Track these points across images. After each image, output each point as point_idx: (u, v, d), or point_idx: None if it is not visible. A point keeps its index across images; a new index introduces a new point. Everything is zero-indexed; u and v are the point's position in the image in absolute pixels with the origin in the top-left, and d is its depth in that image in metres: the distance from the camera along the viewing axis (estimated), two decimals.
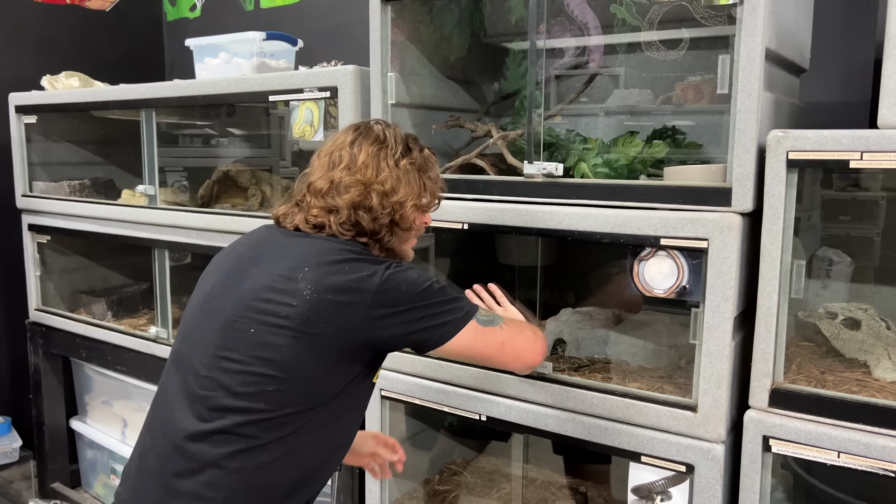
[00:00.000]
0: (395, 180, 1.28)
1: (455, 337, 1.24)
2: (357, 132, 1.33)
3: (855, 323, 1.59)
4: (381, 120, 1.39)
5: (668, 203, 1.45)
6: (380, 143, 1.31)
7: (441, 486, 2.09)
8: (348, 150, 1.30)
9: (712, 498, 1.43)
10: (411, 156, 1.33)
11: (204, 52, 2.34)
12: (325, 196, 1.27)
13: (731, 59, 1.37)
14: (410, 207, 1.30)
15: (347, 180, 1.27)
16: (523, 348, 1.33)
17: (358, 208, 1.26)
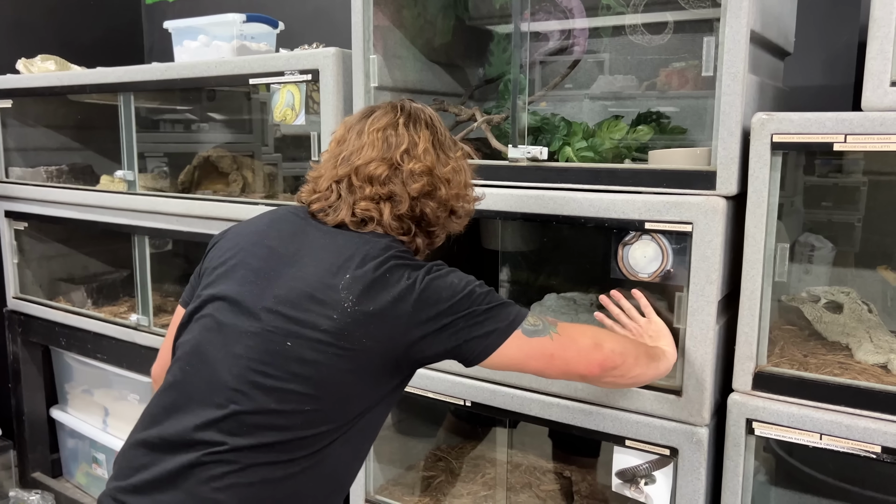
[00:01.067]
0: (454, 171, 1.22)
1: (499, 349, 1.14)
2: (404, 114, 1.22)
3: (837, 306, 1.60)
4: (413, 100, 1.30)
5: (652, 187, 1.44)
6: (429, 128, 1.23)
7: (426, 471, 2.09)
8: (406, 133, 1.19)
9: (696, 481, 1.44)
10: (460, 146, 1.29)
11: (183, 34, 2.30)
12: (384, 183, 1.17)
13: (715, 42, 1.37)
14: (468, 195, 1.27)
15: (414, 167, 1.17)
16: (576, 360, 1.19)
17: (427, 198, 1.19)
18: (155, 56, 3.39)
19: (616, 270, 1.51)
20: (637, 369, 1.26)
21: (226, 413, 1.09)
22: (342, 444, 1.15)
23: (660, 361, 1.33)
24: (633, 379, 1.27)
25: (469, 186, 1.28)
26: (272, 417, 1.09)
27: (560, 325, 1.21)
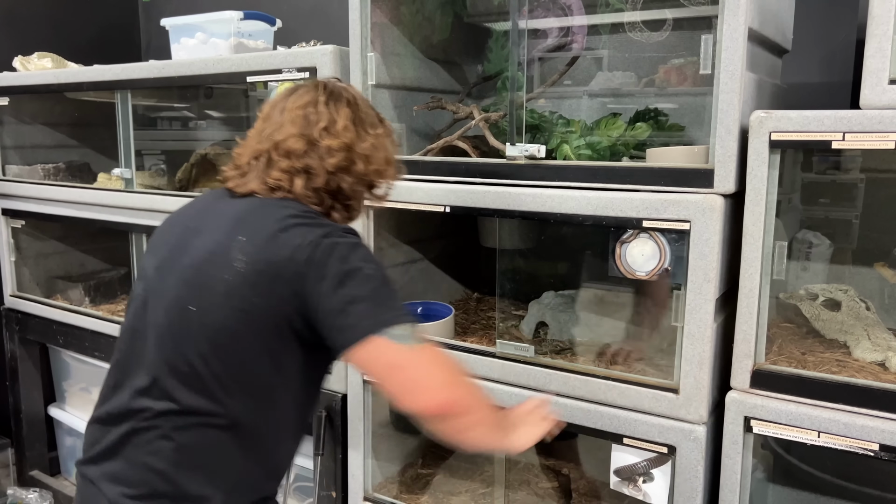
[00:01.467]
0: (372, 145, 1.26)
1: (358, 345, 1.09)
2: (326, 92, 1.26)
3: (835, 304, 1.60)
4: (338, 78, 1.35)
5: (650, 185, 1.44)
6: (350, 105, 1.26)
7: (424, 469, 2.09)
8: (325, 110, 1.23)
9: (694, 479, 1.44)
10: (384, 124, 1.32)
11: (180, 31, 2.29)
12: (301, 157, 1.20)
13: (713, 40, 1.36)
14: (389, 173, 1.30)
15: (331, 143, 1.21)
16: (421, 386, 1.10)
17: (344, 173, 1.22)
18: (152, 53, 3.38)
19: (614, 269, 1.51)
20: (478, 431, 1.17)
21: (150, 381, 1.16)
22: (260, 414, 1.18)
23: (504, 439, 1.25)
24: (468, 438, 1.16)
25: (390, 163, 1.31)
26: (190, 381, 1.14)
27: (429, 347, 1.12)
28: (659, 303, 1.61)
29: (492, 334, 1.86)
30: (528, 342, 1.65)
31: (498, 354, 1.66)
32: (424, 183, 1.72)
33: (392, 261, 1.98)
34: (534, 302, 1.88)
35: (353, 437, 1.92)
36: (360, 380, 1.88)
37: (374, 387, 1.89)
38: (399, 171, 1.36)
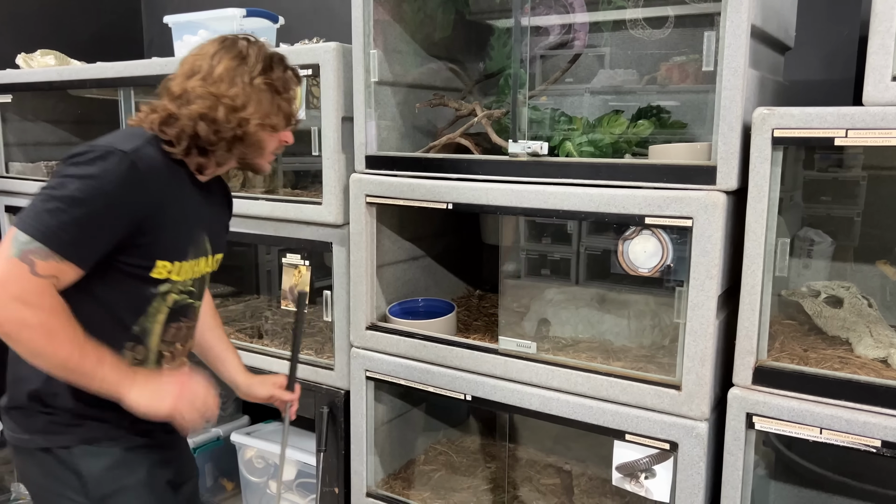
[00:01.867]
0: (245, 97, 1.29)
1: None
2: (222, 45, 1.33)
3: (837, 301, 1.60)
4: (250, 36, 1.39)
5: (652, 182, 1.44)
6: (240, 59, 1.31)
7: (426, 465, 2.10)
8: (208, 60, 1.31)
9: (696, 475, 1.44)
10: (269, 75, 1.33)
11: (183, 29, 2.29)
12: (174, 100, 1.29)
13: (716, 37, 1.36)
14: (255, 126, 1.31)
15: (200, 91, 1.28)
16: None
17: (202, 120, 1.28)
18: (154, 51, 3.38)
19: (616, 265, 1.51)
20: (41, 348, 1.17)
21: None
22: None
23: (92, 382, 1.21)
24: (25, 352, 1.18)
25: (266, 118, 1.33)
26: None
27: (15, 263, 1.14)
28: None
29: (494, 331, 1.86)
30: (530, 339, 1.65)
31: (500, 351, 1.67)
32: (427, 180, 1.72)
33: (394, 257, 1.98)
34: (536, 299, 1.88)
35: (355, 434, 1.93)
36: (363, 377, 1.88)
37: (375, 383, 1.90)
38: (280, 125, 1.37)
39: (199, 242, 1.38)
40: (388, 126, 1.89)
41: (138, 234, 1.25)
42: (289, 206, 1.98)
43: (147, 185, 1.23)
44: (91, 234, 1.19)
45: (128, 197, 1.21)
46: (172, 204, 1.29)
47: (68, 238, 1.16)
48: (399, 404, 2.05)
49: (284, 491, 2.32)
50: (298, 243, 2.01)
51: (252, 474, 2.41)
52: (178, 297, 1.37)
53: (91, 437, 1.33)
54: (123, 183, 1.20)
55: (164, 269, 1.31)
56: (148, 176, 1.23)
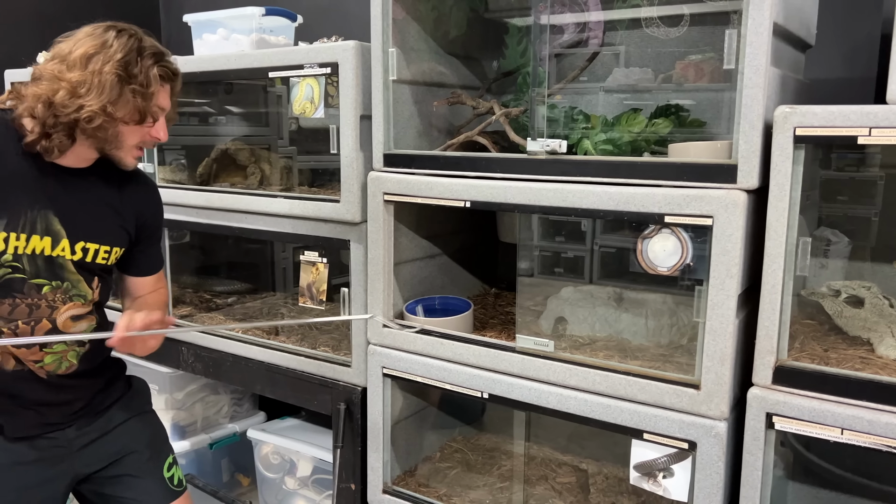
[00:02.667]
0: (90, 84, 1.28)
1: None
2: (93, 31, 1.34)
3: (858, 301, 1.59)
4: (132, 28, 1.39)
5: (672, 180, 1.44)
6: (101, 46, 1.31)
7: (442, 462, 2.10)
8: (70, 44, 1.31)
9: (714, 475, 1.44)
10: (128, 67, 1.32)
11: (202, 27, 2.31)
12: (32, 82, 1.30)
13: (738, 34, 1.36)
14: (92, 112, 1.29)
15: (48, 73, 1.29)
16: None
17: (40, 101, 1.28)
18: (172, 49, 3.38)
19: (635, 264, 1.51)
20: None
21: None
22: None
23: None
24: None
25: (108, 107, 1.30)
26: None
27: None
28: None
29: (511, 329, 1.86)
30: (547, 337, 1.65)
31: (518, 349, 1.67)
32: (445, 178, 1.72)
33: (411, 255, 1.99)
34: (552, 297, 1.88)
35: (372, 431, 1.94)
36: (380, 374, 1.89)
37: (392, 380, 1.90)
38: (129, 118, 1.35)
39: (28, 220, 1.36)
40: (405, 124, 1.90)
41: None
42: (307, 204, 1.99)
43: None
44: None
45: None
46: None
47: None
48: (415, 401, 2.06)
49: (299, 487, 2.34)
50: (316, 241, 2.02)
51: (268, 470, 2.43)
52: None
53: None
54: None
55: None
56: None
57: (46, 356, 1.44)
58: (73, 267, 1.43)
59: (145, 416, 1.66)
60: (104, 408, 1.56)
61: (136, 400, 1.65)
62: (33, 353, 1.42)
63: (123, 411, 1.59)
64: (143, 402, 1.67)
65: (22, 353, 1.41)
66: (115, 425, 1.57)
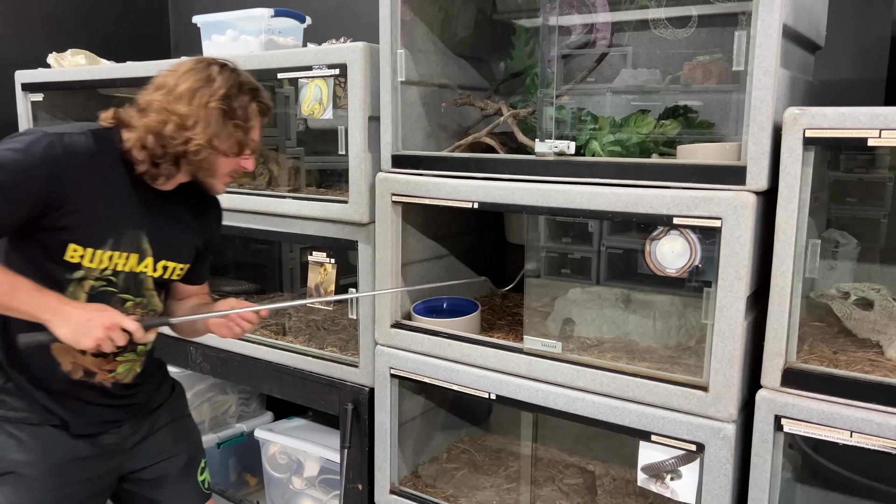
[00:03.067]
0: (196, 118, 1.34)
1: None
2: (196, 65, 1.38)
3: (867, 303, 1.58)
4: (230, 63, 1.43)
5: (681, 182, 1.44)
6: (205, 81, 1.36)
7: (449, 463, 2.10)
8: (176, 77, 1.36)
9: (722, 477, 1.43)
10: (229, 101, 1.37)
11: (211, 28, 2.32)
12: (139, 111, 1.37)
13: (747, 36, 1.35)
14: (199, 146, 1.35)
15: (157, 105, 1.34)
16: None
17: (151, 133, 1.34)
18: (181, 50, 3.42)
19: (643, 265, 1.51)
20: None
21: None
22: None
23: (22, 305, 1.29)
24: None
25: (213, 141, 1.36)
26: None
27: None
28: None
29: (518, 330, 1.86)
30: (555, 338, 1.65)
31: (525, 350, 1.67)
32: (453, 179, 1.73)
33: (419, 256, 1.99)
34: (560, 298, 1.88)
35: (379, 431, 1.94)
36: (388, 374, 1.89)
37: (399, 381, 1.91)
38: (231, 151, 1.40)
39: (129, 239, 1.42)
40: (413, 125, 1.90)
41: (51, 212, 1.31)
42: (315, 205, 2.00)
43: (62, 168, 1.30)
44: (3, 201, 1.25)
45: (40, 173, 1.28)
46: (92, 193, 1.34)
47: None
48: (422, 402, 2.06)
49: (306, 487, 2.34)
50: (324, 241, 2.03)
51: (275, 470, 2.43)
52: (94, 283, 1.40)
53: (6, 416, 1.42)
54: (40, 162, 1.27)
55: (77, 253, 1.36)
56: (65, 160, 1.30)
57: (119, 366, 1.49)
58: (151, 283, 1.49)
59: (185, 419, 1.70)
60: (154, 408, 1.61)
61: (178, 403, 1.70)
62: (109, 362, 1.48)
63: (168, 413, 1.64)
64: (183, 405, 1.72)
65: (97, 363, 1.46)
66: (160, 426, 1.61)
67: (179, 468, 1.62)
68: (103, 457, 1.51)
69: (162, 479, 1.61)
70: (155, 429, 1.60)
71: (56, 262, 1.35)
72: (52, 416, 1.43)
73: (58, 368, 1.43)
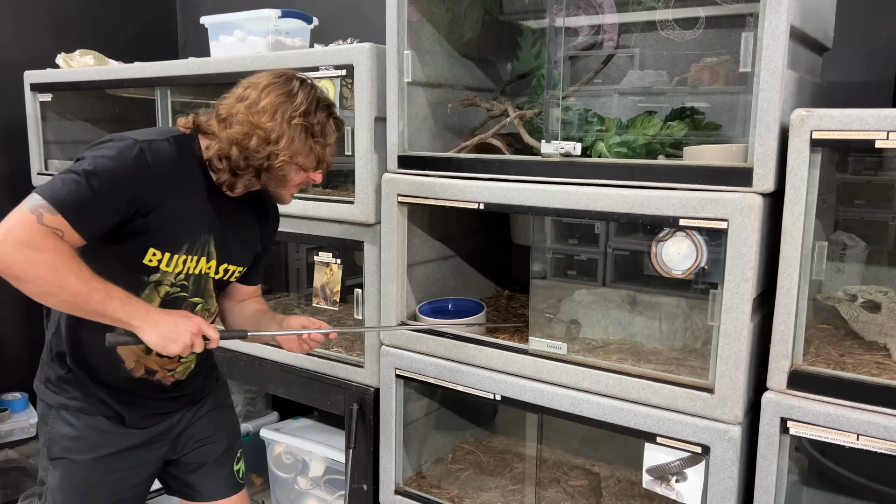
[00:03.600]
0: (280, 133, 1.36)
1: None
2: (277, 78, 1.40)
3: (875, 306, 1.58)
4: (308, 78, 1.45)
5: (687, 183, 1.43)
6: (287, 96, 1.38)
7: (454, 464, 2.10)
8: (258, 91, 1.38)
9: (728, 479, 1.43)
10: (309, 117, 1.39)
11: (219, 29, 2.33)
12: (221, 122, 1.39)
13: (754, 37, 1.35)
14: (282, 161, 1.38)
15: (241, 117, 1.36)
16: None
17: (236, 145, 1.36)
18: (189, 51, 3.44)
19: (650, 267, 1.50)
20: (34, 289, 1.24)
21: None
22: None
23: (109, 311, 1.29)
24: (35, 291, 1.25)
25: (295, 156, 1.40)
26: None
27: (24, 214, 1.22)
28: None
29: (523, 331, 1.86)
30: (560, 340, 1.65)
31: (531, 352, 1.67)
32: (459, 180, 1.73)
33: (425, 257, 1.99)
34: (566, 299, 1.88)
35: (384, 432, 1.95)
36: (393, 375, 1.89)
37: (405, 381, 1.91)
38: (310, 166, 1.44)
39: (201, 243, 1.44)
40: (419, 126, 1.91)
41: (138, 217, 1.33)
42: (321, 205, 2.00)
43: (151, 174, 1.32)
44: (95, 206, 1.27)
45: (132, 181, 1.30)
46: (174, 199, 1.37)
47: (74, 203, 1.24)
48: (427, 403, 2.06)
49: (311, 487, 2.34)
50: (330, 242, 2.03)
51: (280, 470, 2.44)
52: (169, 289, 1.44)
53: (66, 403, 1.46)
54: (132, 169, 1.30)
55: (155, 257, 1.38)
56: (154, 167, 1.32)
57: (179, 366, 1.54)
58: (212, 285, 1.53)
59: (227, 409, 1.74)
60: (202, 397, 1.66)
61: (222, 392, 1.75)
62: (172, 363, 1.52)
63: (213, 400, 1.69)
64: (226, 394, 1.76)
65: (160, 363, 1.50)
66: (204, 412, 1.66)
67: (217, 455, 1.67)
68: (153, 445, 1.56)
69: (200, 464, 1.66)
70: (198, 416, 1.65)
71: (134, 266, 1.38)
72: (107, 408, 1.48)
73: (121, 366, 1.46)
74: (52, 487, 1.49)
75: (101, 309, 1.28)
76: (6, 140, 3.09)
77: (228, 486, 1.71)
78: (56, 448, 1.47)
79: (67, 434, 1.46)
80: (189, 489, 1.67)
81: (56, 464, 1.48)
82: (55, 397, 1.47)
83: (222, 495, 1.69)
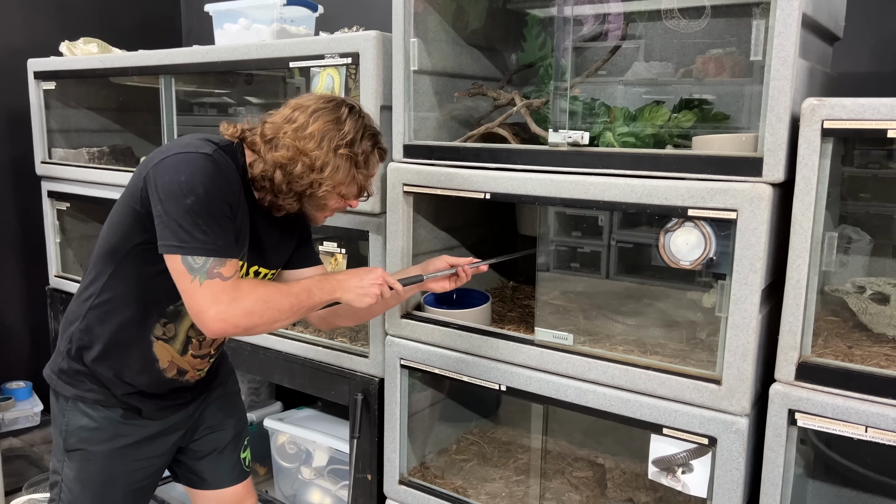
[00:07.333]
0: (325, 161, 1.36)
1: (167, 255, 1.29)
2: (326, 103, 1.40)
3: (883, 298, 1.57)
4: (357, 105, 1.44)
5: (696, 173, 1.42)
6: (335, 123, 1.37)
7: (458, 455, 2.10)
8: (307, 115, 1.37)
9: (735, 471, 1.43)
10: (353, 149, 1.38)
11: (223, 17, 2.31)
12: (266, 142, 1.38)
13: (765, 26, 1.34)
14: (326, 190, 1.38)
15: (288, 141, 1.35)
16: (202, 317, 1.28)
17: (280, 168, 1.36)
18: (193, 39, 3.43)
19: (657, 258, 1.49)
20: (271, 326, 1.33)
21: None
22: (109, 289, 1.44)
23: (317, 302, 1.37)
24: (263, 331, 1.34)
25: (338, 186, 1.39)
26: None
27: (214, 283, 1.27)
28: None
29: (529, 322, 1.86)
30: (566, 330, 1.64)
31: (537, 342, 1.66)
32: (465, 169, 1.72)
33: (430, 247, 1.99)
34: (572, 290, 1.87)
35: (389, 422, 1.94)
36: (398, 365, 1.89)
37: (409, 371, 1.91)
38: (351, 195, 1.44)
39: (260, 253, 1.47)
40: (425, 115, 1.89)
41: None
42: None
43: (229, 180, 1.32)
44: (227, 228, 1.30)
45: (221, 191, 1.30)
46: (241, 205, 1.37)
47: (222, 241, 1.28)
48: (432, 393, 2.06)
49: (315, 477, 2.35)
50: (335, 231, 2.02)
51: (284, 459, 2.44)
52: None
53: (82, 395, 1.47)
54: (215, 180, 1.29)
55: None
56: (227, 173, 1.32)
57: (208, 365, 1.58)
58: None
59: (236, 396, 1.76)
60: (213, 384, 1.67)
61: (230, 378, 1.76)
62: (204, 363, 1.55)
63: (222, 387, 1.70)
64: (234, 381, 1.78)
65: (193, 364, 1.53)
66: (214, 399, 1.67)
67: (226, 443, 1.69)
68: (170, 435, 1.58)
69: (209, 451, 1.67)
70: (208, 403, 1.66)
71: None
72: (124, 401, 1.48)
73: (155, 365, 1.47)
74: (69, 478, 1.49)
75: (311, 304, 1.36)
76: (10, 128, 3.08)
77: (235, 474, 1.71)
78: (73, 439, 1.48)
79: (85, 425, 1.47)
80: (196, 476, 1.68)
81: (73, 455, 1.48)
82: (71, 389, 1.47)
83: (229, 483, 1.70)
